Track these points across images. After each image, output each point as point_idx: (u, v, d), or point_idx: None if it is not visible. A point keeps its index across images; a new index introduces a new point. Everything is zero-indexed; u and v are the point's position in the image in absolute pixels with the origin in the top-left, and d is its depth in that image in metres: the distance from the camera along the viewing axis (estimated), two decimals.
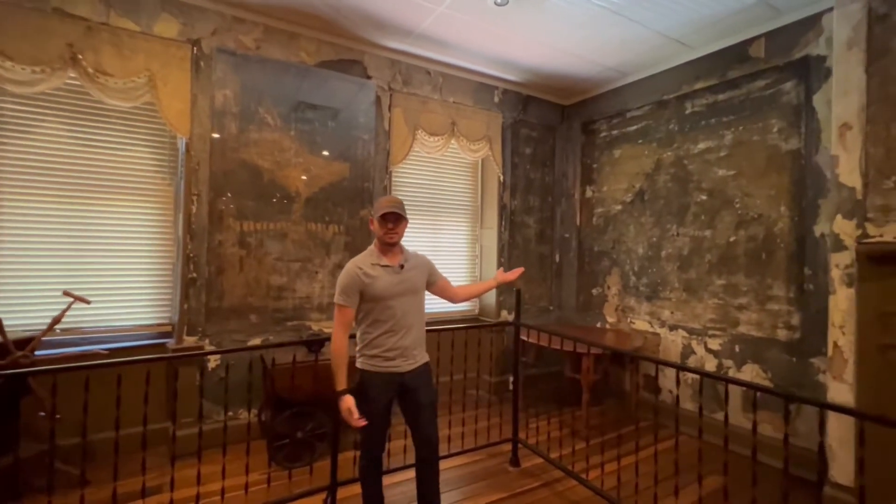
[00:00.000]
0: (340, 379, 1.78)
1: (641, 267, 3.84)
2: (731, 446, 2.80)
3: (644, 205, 3.84)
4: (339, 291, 1.82)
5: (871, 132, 2.22)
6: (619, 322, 4.01)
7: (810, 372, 2.75)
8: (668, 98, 3.65)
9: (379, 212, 1.82)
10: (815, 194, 2.78)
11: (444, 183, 4.12)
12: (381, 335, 1.82)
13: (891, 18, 2.18)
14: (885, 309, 2.11)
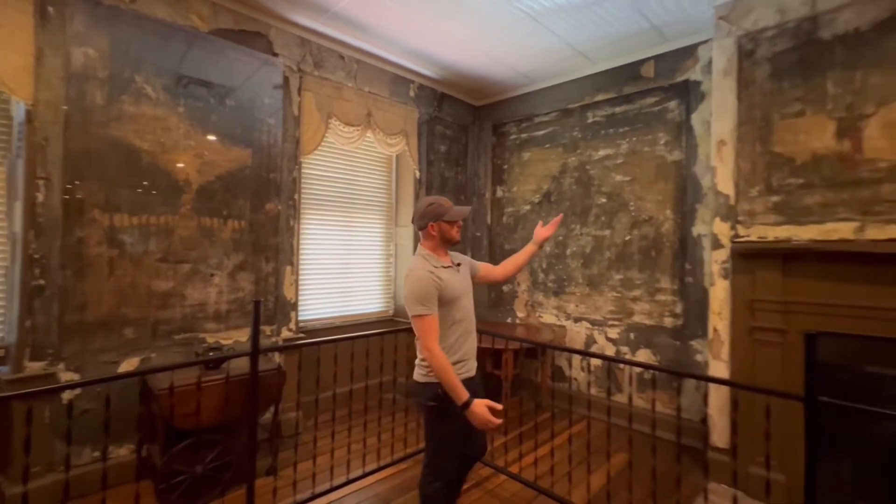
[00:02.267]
0: (459, 388, 1.62)
1: (549, 264, 4.08)
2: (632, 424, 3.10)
3: (551, 206, 4.09)
4: (419, 301, 1.67)
5: (741, 149, 2.63)
6: (529, 317, 4.21)
7: (690, 353, 3.19)
8: (573, 107, 3.93)
9: (452, 212, 1.80)
10: (693, 200, 3.22)
11: (359, 178, 3.88)
12: (459, 338, 1.77)
13: (755, 54, 2.60)
14: (752, 297, 2.52)
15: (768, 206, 2.53)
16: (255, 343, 1.88)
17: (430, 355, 1.62)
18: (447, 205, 1.80)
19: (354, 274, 3.84)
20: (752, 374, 2.50)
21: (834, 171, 2.33)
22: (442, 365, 1.61)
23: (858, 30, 2.28)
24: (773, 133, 2.52)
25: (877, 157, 2.21)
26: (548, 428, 3.23)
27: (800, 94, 2.45)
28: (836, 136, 2.33)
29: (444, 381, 1.61)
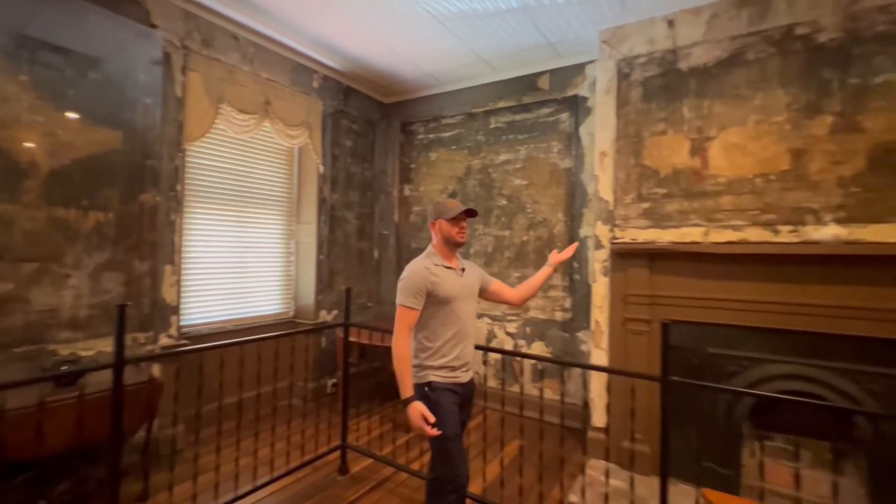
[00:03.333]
0: (408, 384, 1.62)
1: None
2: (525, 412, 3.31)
3: None
4: (405, 293, 1.68)
5: (619, 160, 2.96)
6: None
7: (577, 344, 3.51)
8: (478, 112, 4.08)
9: (450, 212, 1.77)
10: (581, 204, 3.55)
11: (256, 170, 3.60)
12: (446, 343, 1.73)
13: (631, 77, 2.94)
14: (626, 292, 2.85)
15: (639, 211, 2.88)
16: (118, 353, 1.64)
17: (393, 343, 1.65)
18: (451, 204, 1.79)
19: (249, 273, 3.57)
20: (625, 360, 2.83)
21: (688, 183, 2.73)
22: (399, 355, 1.63)
23: (706, 65, 2.70)
24: (644, 148, 2.88)
25: (718, 173, 2.64)
26: None
27: (664, 115, 2.82)
28: (690, 153, 2.73)
29: (396, 371, 1.63)
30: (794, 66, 2.47)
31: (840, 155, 2.32)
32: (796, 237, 2.40)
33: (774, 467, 2.41)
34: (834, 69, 2.36)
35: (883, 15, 2.27)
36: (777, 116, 2.49)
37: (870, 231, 2.22)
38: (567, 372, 3.51)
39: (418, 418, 1.56)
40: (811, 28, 2.43)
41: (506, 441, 2.98)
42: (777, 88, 2.50)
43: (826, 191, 2.35)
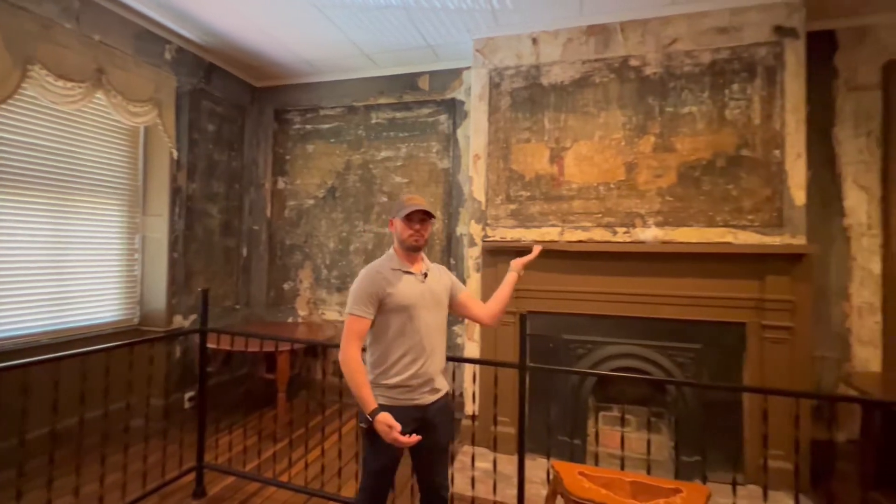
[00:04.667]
0: (369, 396, 1.45)
1: (333, 260, 4.04)
2: None
3: (336, 201, 4.06)
4: (354, 300, 1.51)
5: (491, 163, 3.16)
6: (312, 314, 4.08)
7: (452, 337, 3.65)
8: (358, 105, 3.99)
9: (403, 211, 1.56)
10: (458, 204, 3.71)
11: (86, 151, 3.00)
12: (401, 358, 1.52)
13: (501, 87, 3.16)
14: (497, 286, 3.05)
15: (507, 212, 3.11)
16: None
17: (342, 358, 1.47)
18: (410, 202, 1.56)
19: (76, 275, 2.96)
20: (495, 350, 3.03)
21: (548, 187, 3.03)
22: (351, 369, 1.45)
23: (563, 83, 3.03)
24: (511, 153, 3.12)
25: (571, 180, 2.98)
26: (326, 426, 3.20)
27: (529, 124, 3.09)
28: (549, 161, 3.03)
29: (352, 387, 1.45)
30: (629, 91, 2.90)
31: (659, 169, 2.80)
32: (628, 237, 2.83)
33: (611, 433, 2.81)
34: (656, 97, 2.84)
35: (689, 58, 2.79)
36: (616, 134, 2.90)
37: (679, 233, 2.73)
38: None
39: (385, 431, 1.37)
40: (640, 61, 2.88)
41: None
42: (616, 109, 2.91)
43: (649, 199, 2.81)
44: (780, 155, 2.62)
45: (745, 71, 2.70)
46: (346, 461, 2.64)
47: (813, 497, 2.42)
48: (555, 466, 1.70)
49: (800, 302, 2.49)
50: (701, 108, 2.77)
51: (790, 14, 2.64)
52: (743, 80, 2.70)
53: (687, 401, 2.62)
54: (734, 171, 2.68)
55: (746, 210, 2.65)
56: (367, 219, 3.96)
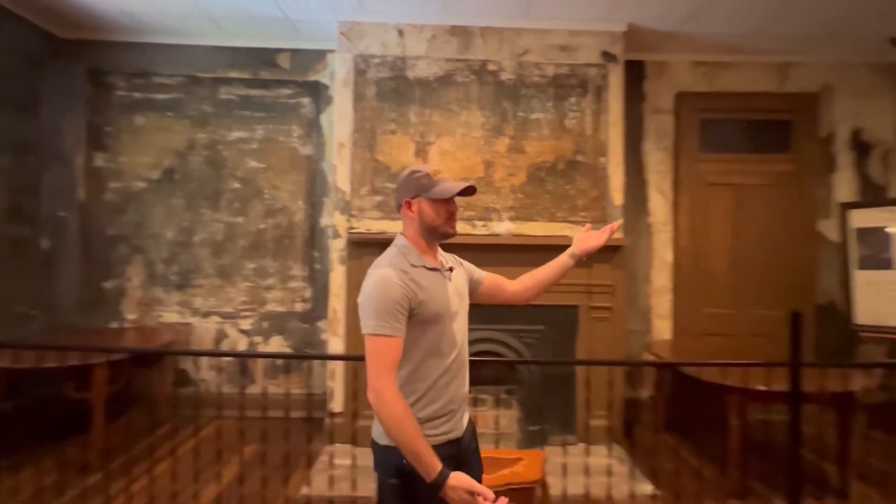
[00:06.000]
0: (429, 453, 0.95)
1: (172, 253, 3.49)
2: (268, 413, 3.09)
3: (175, 185, 3.50)
4: (378, 313, 1.02)
5: (356, 153, 3.07)
6: (144, 317, 3.48)
7: (317, 333, 3.49)
8: (204, 77, 3.50)
9: (444, 192, 1.10)
10: (322, 193, 3.53)
11: None
12: (437, 380, 1.10)
13: (367, 75, 3.08)
14: (360, 279, 2.99)
15: (373, 203, 3.07)
16: None
17: (379, 401, 0.99)
18: (437, 175, 1.16)
19: None
20: (360, 345, 2.97)
21: None
22: (397, 417, 0.98)
23: (428, 79, 3.09)
24: (377, 144, 3.08)
25: None
26: (158, 448, 2.76)
27: (394, 116, 3.08)
28: (415, 154, 3.07)
29: (402, 442, 0.98)
30: (488, 94, 3.10)
31: (512, 169, 3.07)
32: (486, 230, 3.04)
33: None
34: (510, 102, 3.09)
35: (537, 69, 3.10)
36: (476, 133, 3.08)
37: (528, 227, 3.03)
38: (310, 363, 3.45)
39: (467, 496, 0.95)
40: (497, 67, 3.10)
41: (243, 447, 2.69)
42: (476, 109, 3.09)
43: (504, 195, 3.06)
44: (604, 162, 3.09)
45: (580, 87, 3.11)
46: (182, 484, 2.32)
47: (625, 445, 2.94)
48: None
49: (617, 286, 2.99)
50: (546, 116, 3.10)
51: (613, 42, 3.12)
52: (578, 95, 3.11)
53: (533, 377, 2.94)
54: (571, 174, 3.08)
55: (580, 208, 3.07)
56: (215, 206, 3.51)
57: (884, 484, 2.50)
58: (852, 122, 3.61)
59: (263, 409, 2.22)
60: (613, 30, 3.10)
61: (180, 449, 2.65)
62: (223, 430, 2.89)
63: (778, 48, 3.44)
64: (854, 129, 3.61)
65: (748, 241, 3.56)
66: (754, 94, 3.60)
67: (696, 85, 3.60)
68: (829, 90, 3.60)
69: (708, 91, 3.60)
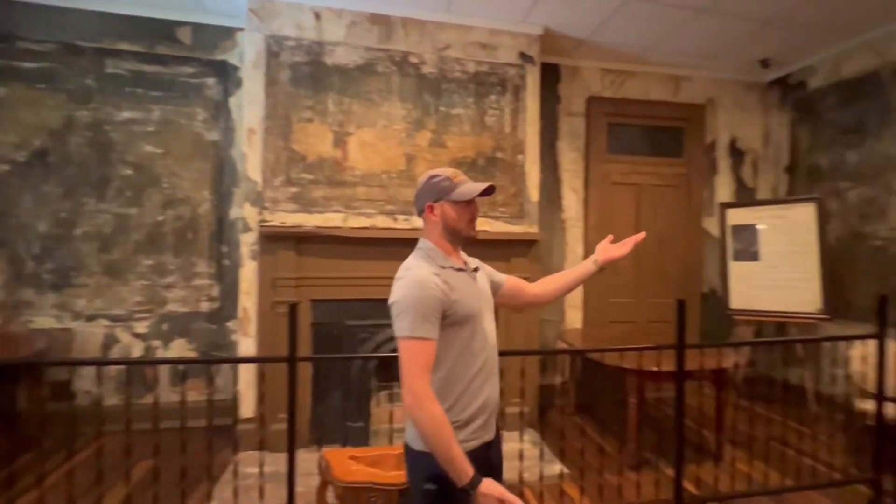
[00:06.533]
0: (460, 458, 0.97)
1: (45, 248, 3.03)
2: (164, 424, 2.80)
3: (49, 169, 3.03)
4: (415, 316, 1.02)
5: (269, 140, 2.88)
6: (9, 323, 2.98)
7: (227, 334, 3.23)
8: (86, 46, 3.05)
9: (464, 194, 1.13)
10: (231, 183, 3.26)
11: None
12: (471, 382, 1.09)
13: (280, 57, 2.89)
14: (274, 275, 2.82)
15: (288, 195, 2.90)
16: None
17: (415, 403, 1.00)
18: (457, 179, 1.18)
19: None
20: (274, 346, 2.81)
21: (332, 172, 2.95)
22: (433, 420, 0.99)
23: (348, 66, 2.98)
24: (292, 132, 2.91)
25: (355, 165, 2.98)
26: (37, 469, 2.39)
27: (311, 104, 2.93)
28: (333, 144, 2.95)
29: (436, 445, 0.99)
30: (409, 86, 3.06)
31: (434, 163, 3.07)
32: (408, 224, 3.01)
33: (392, 410, 2.97)
34: (432, 96, 3.08)
35: (458, 65, 3.13)
36: (397, 125, 3.03)
37: None
38: (216, 367, 3.19)
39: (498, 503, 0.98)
40: (419, 59, 3.07)
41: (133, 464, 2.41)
42: (397, 101, 3.04)
43: None
44: (522, 160, 3.21)
45: (499, 85, 3.19)
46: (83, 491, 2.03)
47: (539, 429, 3.10)
48: (325, 455, 1.67)
49: (533, 278, 3.11)
50: (468, 112, 3.14)
51: (530, 44, 3.24)
52: (498, 93, 3.19)
53: None
54: (491, 170, 3.16)
55: (499, 204, 3.16)
56: (102, 195, 3.09)
57: (749, 446, 2.90)
58: (730, 131, 4.11)
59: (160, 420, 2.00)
60: (530, 32, 3.21)
61: (52, 476, 2.31)
62: (109, 447, 2.58)
63: (673, 62, 3.81)
64: (731, 138, 4.12)
65: (647, 237, 3.90)
66: (653, 103, 3.96)
67: (604, 91, 3.86)
68: (713, 103, 4.07)
69: (615, 97, 3.88)
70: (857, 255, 3.41)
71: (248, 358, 2.01)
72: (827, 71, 3.65)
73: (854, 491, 2.33)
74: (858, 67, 3.41)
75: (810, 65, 3.77)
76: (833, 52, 3.56)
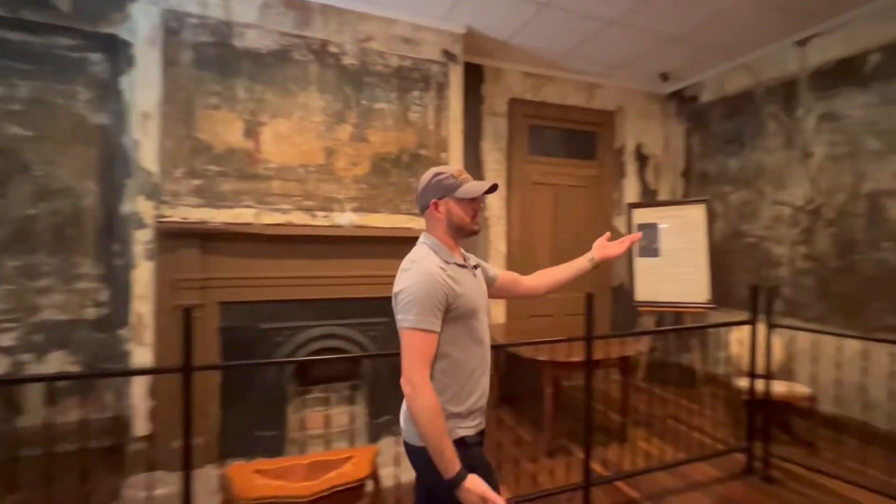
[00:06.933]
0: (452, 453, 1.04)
1: None
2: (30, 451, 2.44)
3: None
4: (420, 309, 1.07)
5: (167, 127, 2.59)
6: None
7: (118, 343, 2.87)
8: None
9: (470, 192, 1.18)
10: (123, 174, 2.90)
11: None
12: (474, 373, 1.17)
13: (181, 36, 2.62)
14: (175, 276, 2.56)
15: (191, 188, 2.64)
16: None
17: (413, 392, 1.05)
18: (460, 176, 1.23)
19: None
20: (176, 354, 2.54)
21: (242, 164, 2.73)
22: (429, 409, 1.03)
23: (260, 51, 2.77)
24: (196, 119, 2.65)
25: (270, 158, 2.79)
26: None
27: (218, 89, 2.69)
28: (244, 134, 2.74)
29: (429, 434, 1.04)
30: (329, 77, 2.93)
31: (356, 158, 2.97)
32: (328, 221, 2.89)
33: (312, 415, 2.85)
34: (353, 89, 2.98)
35: (381, 58, 3.05)
36: (315, 117, 2.89)
37: (371, 218, 2.98)
38: (102, 382, 2.82)
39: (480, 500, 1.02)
40: (339, 49, 2.95)
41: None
42: (316, 92, 2.89)
43: (347, 185, 2.95)
44: (446, 157, 3.22)
45: (422, 81, 3.16)
46: None
47: None
48: (228, 471, 1.54)
49: None
50: (391, 107, 3.08)
51: (454, 42, 3.25)
52: (421, 90, 3.16)
53: (378, 370, 2.92)
54: (415, 166, 3.12)
55: None
56: None
57: (651, 425, 3.18)
58: (636, 137, 4.47)
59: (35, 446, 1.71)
60: (454, 30, 3.23)
61: None
62: None
63: (587, 70, 4.04)
64: (637, 143, 4.48)
65: (565, 234, 4.14)
66: (570, 107, 4.18)
67: (525, 93, 4.00)
68: (622, 110, 4.40)
69: (535, 100, 4.04)
70: (737, 250, 3.88)
71: (137, 370, 1.79)
72: (714, 87, 4.10)
73: (732, 459, 2.64)
74: (737, 85, 3.88)
75: (701, 80, 4.21)
76: (719, 70, 4.01)
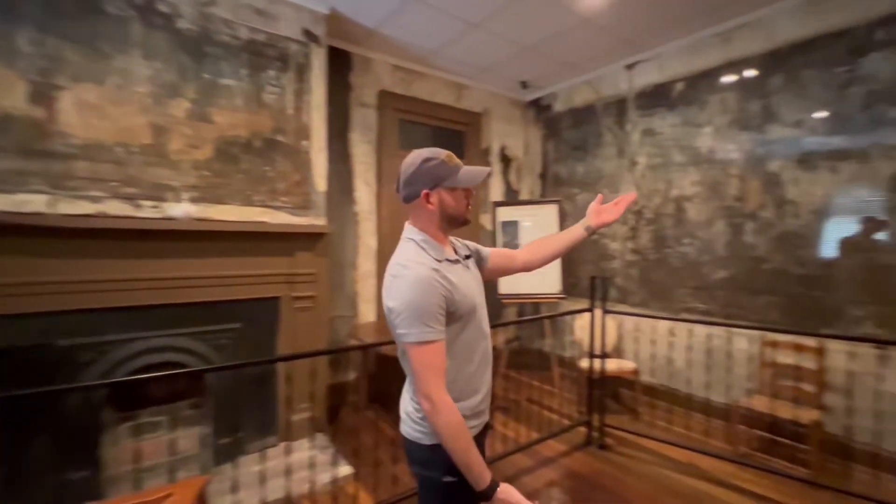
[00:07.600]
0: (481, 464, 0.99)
1: None
2: None
3: None
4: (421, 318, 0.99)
5: None
6: None
7: None
8: None
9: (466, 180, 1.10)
10: None
11: None
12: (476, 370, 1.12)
13: None
14: None
15: None
16: None
17: (433, 410, 0.98)
18: (452, 162, 1.10)
19: None
20: None
21: (28, 137, 2.13)
22: (453, 427, 0.97)
23: None
24: None
25: (72, 132, 2.22)
26: None
27: None
28: (30, 99, 2.13)
29: (456, 450, 0.98)
30: (158, 41, 2.45)
31: (195, 140, 2.55)
32: (158, 213, 2.43)
33: (142, 445, 2.37)
34: (191, 58, 2.55)
35: (227, 28, 2.66)
36: (139, 87, 2.39)
37: (215, 210, 2.60)
38: None
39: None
40: (172, 10, 2.49)
41: None
42: (139, 57, 2.40)
43: (184, 171, 2.52)
44: (307, 146, 2.97)
45: (279, 60, 2.86)
46: None
47: (329, 431, 2.96)
48: None
49: (320, 273, 2.94)
50: (241, 85, 2.71)
51: (315, 22, 3.00)
52: (278, 69, 2.86)
53: (226, 383, 2.57)
54: (270, 154, 2.82)
55: (280, 192, 2.85)
56: None
57: (514, 410, 3.40)
58: (501, 140, 4.74)
59: None
60: (315, 9, 2.98)
61: None
62: None
63: (455, 70, 4.14)
64: (502, 145, 4.76)
65: None
66: (439, 105, 4.23)
67: (395, 87, 3.93)
68: (488, 112, 4.62)
69: (405, 94, 3.99)
70: (582, 246, 4.37)
71: None
72: (564, 98, 4.55)
73: (577, 433, 2.96)
74: (583, 99, 4.36)
75: (555, 91, 4.64)
76: (568, 83, 4.46)
